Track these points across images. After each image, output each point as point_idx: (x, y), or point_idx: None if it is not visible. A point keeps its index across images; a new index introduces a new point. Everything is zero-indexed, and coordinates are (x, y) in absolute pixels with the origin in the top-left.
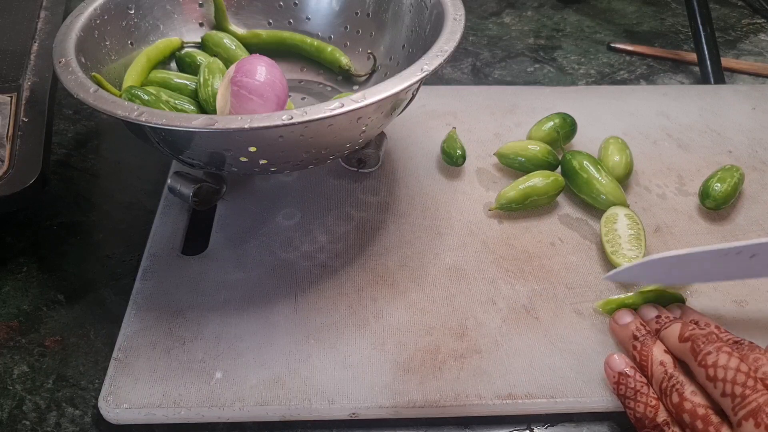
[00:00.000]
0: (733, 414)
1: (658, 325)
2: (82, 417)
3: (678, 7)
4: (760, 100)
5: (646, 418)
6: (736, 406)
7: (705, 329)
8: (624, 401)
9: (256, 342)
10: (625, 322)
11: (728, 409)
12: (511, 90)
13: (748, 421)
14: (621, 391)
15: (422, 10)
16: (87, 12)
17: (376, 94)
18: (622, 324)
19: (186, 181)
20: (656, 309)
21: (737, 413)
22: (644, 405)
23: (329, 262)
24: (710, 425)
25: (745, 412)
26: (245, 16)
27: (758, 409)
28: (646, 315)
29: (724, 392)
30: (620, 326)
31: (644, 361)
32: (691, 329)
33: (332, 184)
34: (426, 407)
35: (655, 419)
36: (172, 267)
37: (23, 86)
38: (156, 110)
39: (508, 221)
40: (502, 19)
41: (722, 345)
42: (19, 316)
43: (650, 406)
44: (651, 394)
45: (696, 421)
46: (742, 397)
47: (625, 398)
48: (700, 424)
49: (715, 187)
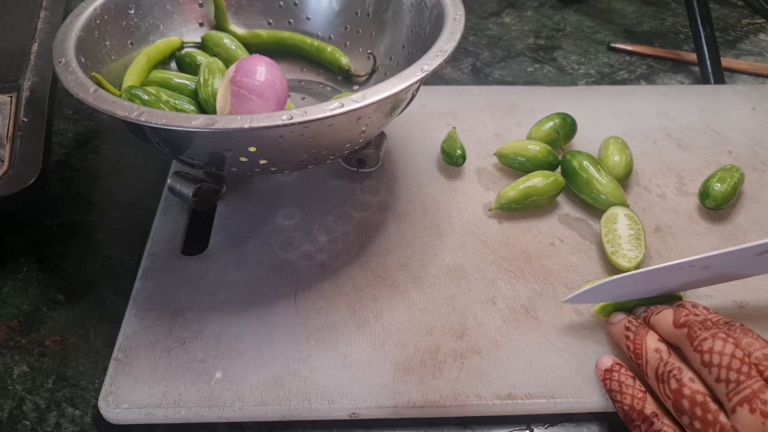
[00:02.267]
0: (727, 400)
1: (646, 314)
2: (82, 417)
3: (678, 7)
4: (760, 100)
5: (633, 411)
6: (731, 392)
7: (699, 315)
8: (612, 395)
9: (256, 342)
10: (618, 319)
11: (722, 395)
12: (511, 90)
13: (742, 407)
14: (608, 386)
15: (422, 10)
16: (87, 12)
17: (376, 94)
18: (615, 322)
19: (186, 181)
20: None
21: (732, 399)
22: (631, 397)
23: (329, 262)
24: (708, 412)
25: (740, 398)
26: (245, 16)
27: (753, 396)
28: (636, 312)
29: (719, 378)
30: (613, 324)
31: (638, 350)
32: (685, 315)
33: (332, 184)
34: (426, 407)
35: (643, 411)
36: (172, 267)
37: (23, 86)
38: (156, 110)
39: (508, 221)
40: (502, 19)
41: (718, 331)
42: (19, 316)
43: (637, 398)
44: (638, 386)
45: (695, 408)
46: (736, 383)
47: (612, 392)
48: (699, 410)
49: (715, 187)
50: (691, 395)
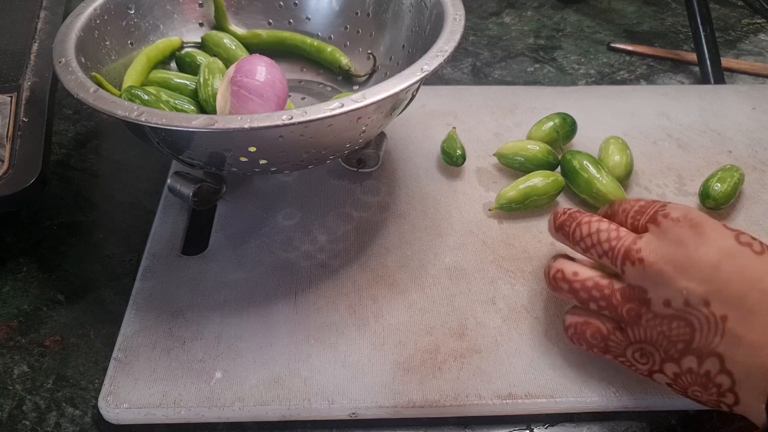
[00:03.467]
0: (615, 266)
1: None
2: (82, 417)
3: (678, 7)
4: (760, 100)
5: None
6: (613, 259)
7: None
8: None
9: (256, 342)
10: None
11: (610, 265)
12: (511, 90)
13: (625, 265)
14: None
15: (422, 10)
16: (87, 12)
17: (376, 94)
18: None
19: (186, 181)
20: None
21: (617, 264)
22: None
23: (329, 262)
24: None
25: (620, 259)
26: (245, 16)
27: (628, 251)
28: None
29: (599, 254)
30: None
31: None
32: (558, 221)
33: (332, 184)
34: (426, 407)
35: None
36: (172, 267)
37: (23, 86)
38: (156, 110)
39: (508, 221)
40: (502, 19)
41: (582, 217)
42: (19, 316)
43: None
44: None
45: (592, 292)
46: (611, 249)
47: None
48: (595, 292)
49: (715, 187)
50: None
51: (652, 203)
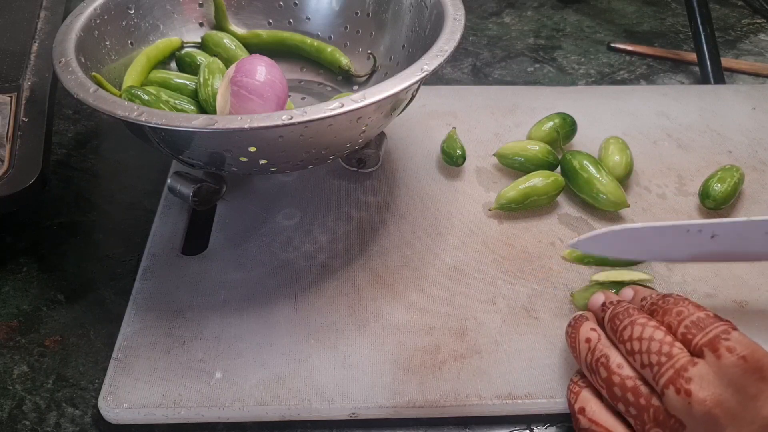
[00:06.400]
0: (655, 384)
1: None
2: (82, 417)
3: (678, 7)
4: (760, 100)
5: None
6: (656, 375)
7: (622, 306)
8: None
9: (256, 342)
10: None
11: (651, 379)
12: (511, 90)
13: (668, 389)
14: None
15: (422, 10)
16: (87, 12)
17: (376, 94)
18: None
19: (186, 181)
20: (603, 295)
21: (658, 382)
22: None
23: (329, 262)
24: (641, 397)
25: (665, 381)
26: (245, 16)
27: (676, 375)
28: (594, 303)
29: (643, 364)
30: None
31: (573, 343)
32: (610, 311)
33: (332, 184)
34: (426, 407)
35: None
36: (172, 267)
37: (23, 86)
38: (156, 110)
39: (508, 221)
40: (502, 19)
41: (637, 317)
42: (19, 316)
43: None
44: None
45: (627, 394)
46: (658, 365)
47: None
48: (631, 396)
49: (715, 187)
50: (621, 382)
51: (714, 321)
